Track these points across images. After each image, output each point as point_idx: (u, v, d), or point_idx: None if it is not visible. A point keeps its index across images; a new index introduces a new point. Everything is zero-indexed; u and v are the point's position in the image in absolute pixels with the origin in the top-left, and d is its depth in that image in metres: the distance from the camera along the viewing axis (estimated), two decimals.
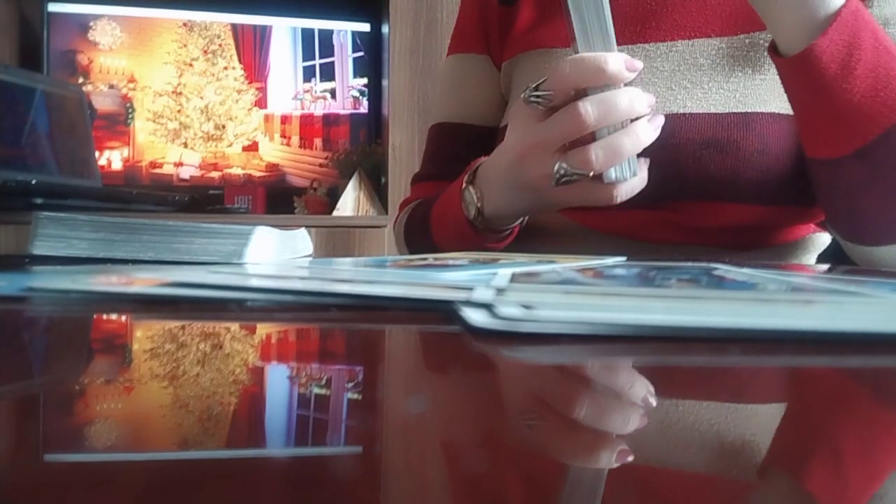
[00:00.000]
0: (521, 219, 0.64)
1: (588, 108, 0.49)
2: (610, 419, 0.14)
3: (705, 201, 0.61)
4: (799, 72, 0.53)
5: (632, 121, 0.50)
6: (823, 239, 0.70)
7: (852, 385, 0.17)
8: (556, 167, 0.51)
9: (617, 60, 0.49)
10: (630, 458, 0.11)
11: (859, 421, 0.14)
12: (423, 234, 0.71)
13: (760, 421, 0.14)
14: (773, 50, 0.55)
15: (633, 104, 0.49)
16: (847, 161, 0.55)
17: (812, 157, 0.58)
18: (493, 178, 0.60)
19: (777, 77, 0.62)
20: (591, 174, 0.51)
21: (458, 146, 0.80)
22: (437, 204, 0.69)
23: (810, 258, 0.69)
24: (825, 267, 0.60)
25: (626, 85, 0.51)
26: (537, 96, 0.51)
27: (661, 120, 0.51)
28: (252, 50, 2.04)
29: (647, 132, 0.51)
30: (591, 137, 0.50)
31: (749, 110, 0.61)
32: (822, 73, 0.51)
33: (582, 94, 0.50)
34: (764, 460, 0.12)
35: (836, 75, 0.51)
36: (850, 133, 0.53)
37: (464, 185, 0.62)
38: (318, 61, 2.08)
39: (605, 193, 0.52)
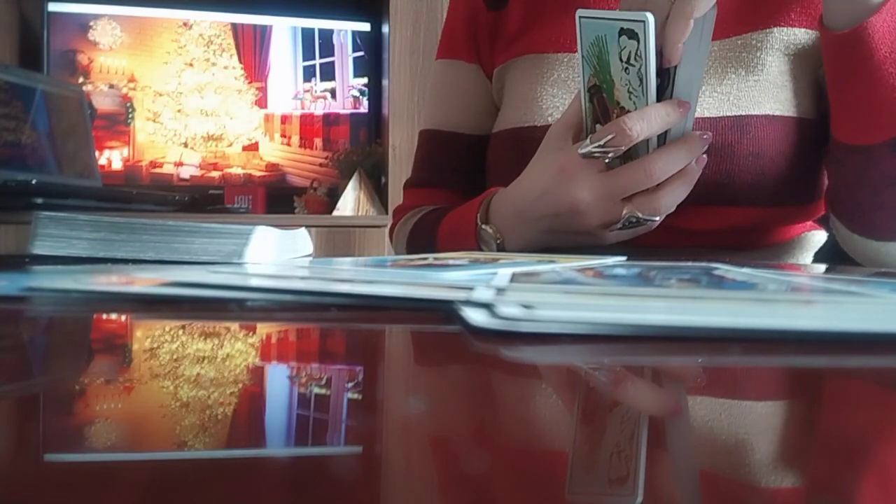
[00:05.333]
0: None
1: (659, 166, 0.51)
2: (608, 420, 0.14)
3: (700, 205, 0.61)
4: (850, 49, 0.53)
5: None
6: (819, 237, 0.70)
7: (852, 385, 0.17)
8: (626, 215, 0.53)
9: (676, 108, 0.51)
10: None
11: (859, 421, 0.14)
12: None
13: (759, 420, 0.14)
14: (827, 28, 0.55)
15: (692, 152, 0.52)
16: (879, 150, 0.55)
17: (843, 142, 0.58)
18: (518, 219, 0.59)
19: (770, 78, 0.62)
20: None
21: (449, 155, 0.80)
22: (444, 231, 0.67)
23: (806, 257, 0.70)
24: (824, 267, 0.60)
25: None
26: (603, 151, 0.52)
27: (705, 158, 0.54)
28: (252, 50, 2.04)
29: (698, 173, 0.53)
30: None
31: (743, 113, 0.61)
32: (872, 53, 0.52)
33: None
34: (761, 459, 0.12)
35: (884, 58, 0.52)
36: (888, 120, 0.54)
37: (478, 223, 0.62)
38: (318, 61, 2.08)
39: (650, 226, 0.55)
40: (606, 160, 0.53)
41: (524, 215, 0.58)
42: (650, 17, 0.48)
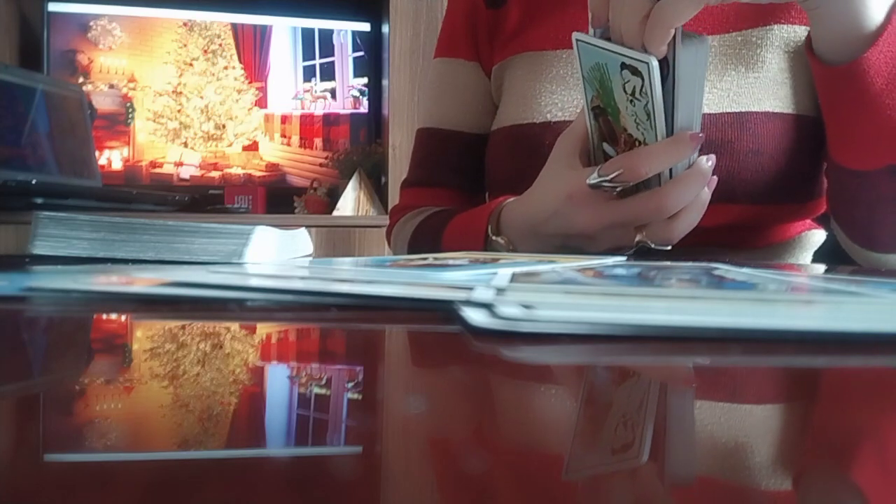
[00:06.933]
0: None
1: (671, 198, 0.50)
2: (607, 419, 0.14)
3: None
4: (846, 83, 0.52)
5: None
6: (818, 237, 0.70)
7: (852, 385, 0.17)
8: (637, 241, 0.52)
9: (686, 142, 0.49)
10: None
11: (859, 421, 0.14)
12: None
13: (758, 420, 0.14)
14: (818, 58, 0.54)
15: (703, 179, 0.50)
16: (877, 175, 0.54)
17: (840, 164, 0.57)
18: (530, 234, 0.58)
19: (770, 75, 0.61)
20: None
21: (448, 153, 0.80)
22: (449, 237, 0.66)
23: (806, 256, 0.69)
24: (824, 267, 0.60)
25: None
26: (612, 186, 0.51)
27: (715, 180, 0.52)
28: (252, 50, 2.04)
29: (709, 197, 0.52)
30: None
31: (743, 110, 0.61)
32: (868, 86, 0.51)
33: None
34: (760, 459, 0.12)
35: (881, 90, 0.51)
36: (885, 148, 0.53)
37: (489, 234, 0.61)
38: (318, 61, 2.08)
39: (661, 249, 0.54)
40: (615, 193, 0.51)
41: (536, 232, 0.57)
42: (654, 62, 0.45)
